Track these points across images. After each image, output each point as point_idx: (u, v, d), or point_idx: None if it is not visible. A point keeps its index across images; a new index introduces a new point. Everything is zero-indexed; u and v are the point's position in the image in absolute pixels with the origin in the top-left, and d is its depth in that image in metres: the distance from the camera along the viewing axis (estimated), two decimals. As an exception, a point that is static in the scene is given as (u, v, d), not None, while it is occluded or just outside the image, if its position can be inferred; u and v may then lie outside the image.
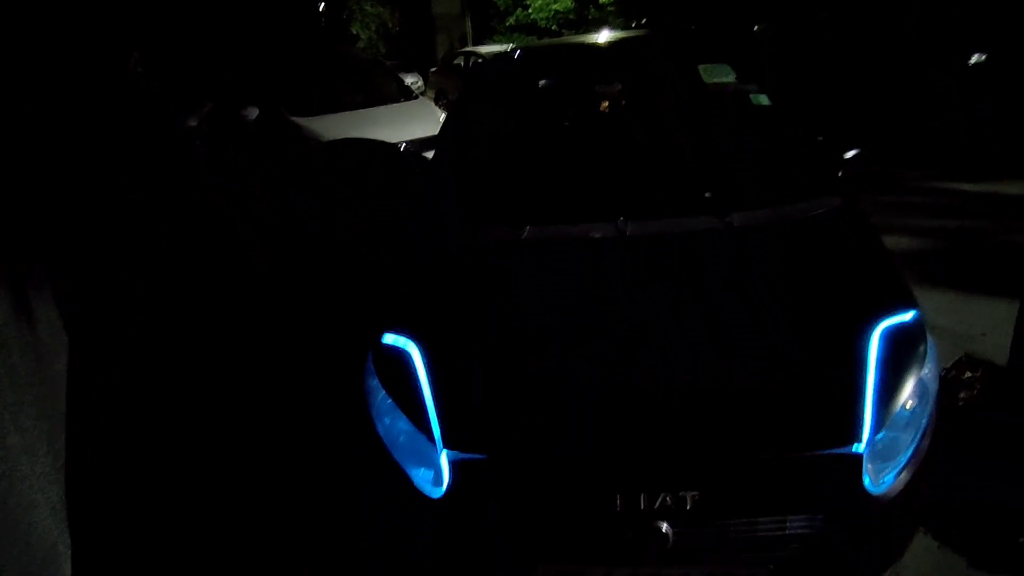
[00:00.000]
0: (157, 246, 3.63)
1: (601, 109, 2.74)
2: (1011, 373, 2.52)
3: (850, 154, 2.46)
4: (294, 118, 6.17)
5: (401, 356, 1.78)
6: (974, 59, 6.53)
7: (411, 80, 13.34)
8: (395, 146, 5.38)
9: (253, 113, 6.26)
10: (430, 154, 3.82)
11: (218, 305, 3.68)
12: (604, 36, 3.36)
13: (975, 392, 2.95)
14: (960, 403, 2.88)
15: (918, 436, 1.60)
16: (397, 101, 7.06)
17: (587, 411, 1.60)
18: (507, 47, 14.95)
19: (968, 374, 3.09)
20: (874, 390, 1.55)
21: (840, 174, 2.38)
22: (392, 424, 1.72)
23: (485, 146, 2.79)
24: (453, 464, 1.56)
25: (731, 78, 2.70)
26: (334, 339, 3.01)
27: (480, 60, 13.19)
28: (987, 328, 3.38)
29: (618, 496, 1.45)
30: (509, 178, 2.57)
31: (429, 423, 1.63)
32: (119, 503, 2.24)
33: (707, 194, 2.28)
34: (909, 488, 1.54)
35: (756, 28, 7.37)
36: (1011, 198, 5.12)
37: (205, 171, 4.39)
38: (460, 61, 14.41)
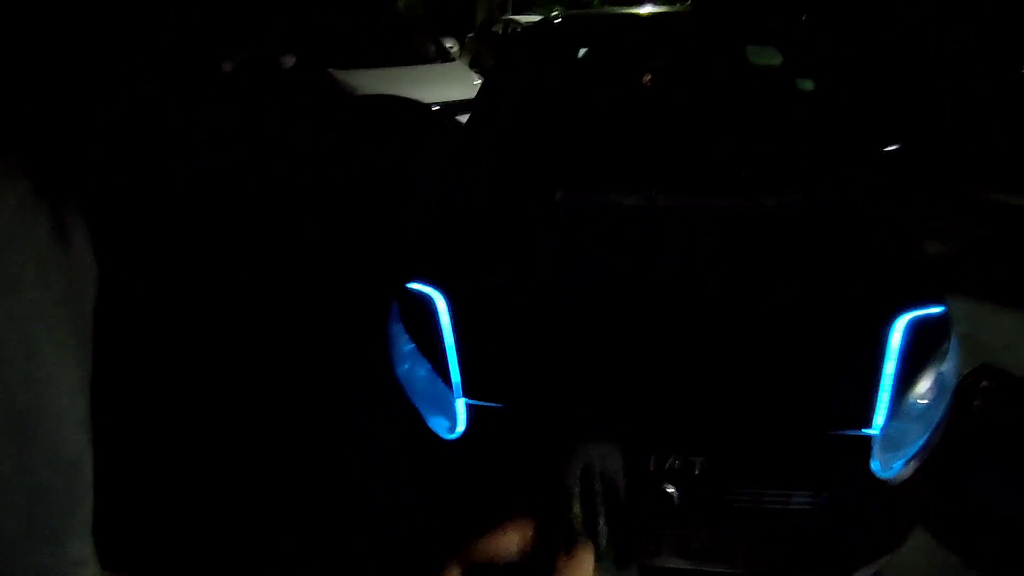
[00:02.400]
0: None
1: (643, 82, 2.72)
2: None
3: (891, 147, 2.43)
4: (330, 69, 6.15)
5: (426, 304, 1.82)
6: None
7: (448, 44, 13.22)
8: (428, 106, 5.37)
9: (289, 61, 6.25)
10: (462, 118, 3.82)
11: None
12: (648, 8, 3.31)
13: (990, 401, 2.94)
14: (974, 410, 2.87)
15: (930, 429, 1.61)
16: (434, 62, 7.02)
17: (605, 370, 1.63)
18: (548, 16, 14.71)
19: (985, 383, 3.07)
20: (892, 378, 1.56)
21: (879, 165, 2.36)
22: (412, 369, 1.76)
23: (521, 111, 2.78)
24: (469, 411, 1.60)
25: (777, 60, 2.66)
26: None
27: (518, 29, 13.04)
28: (1010, 340, 3.35)
29: (628, 455, 1.48)
30: (544, 143, 2.57)
31: (448, 370, 1.66)
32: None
33: (742, 174, 2.27)
34: (915, 478, 1.55)
35: (804, 17, 7.20)
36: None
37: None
38: (498, 28, 14.24)
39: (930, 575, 2.09)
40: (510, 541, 0.44)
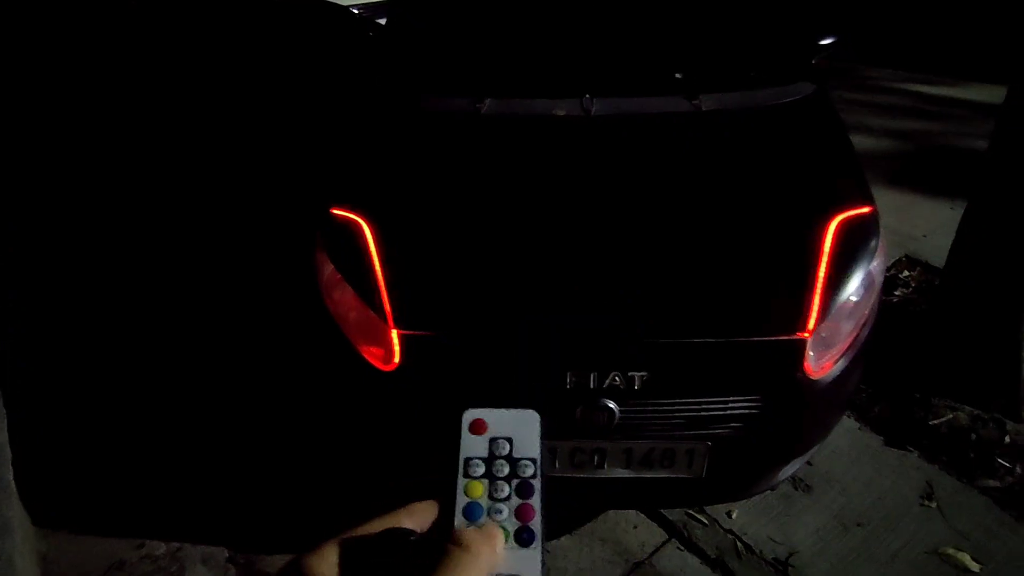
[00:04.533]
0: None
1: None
2: (945, 275, 2.62)
3: (826, 40, 2.36)
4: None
5: (350, 230, 1.70)
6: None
7: (365, -63, 12.09)
8: (348, 9, 4.93)
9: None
10: (384, 20, 3.52)
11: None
12: None
13: (910, 290, 3.09)
14: (895, 300, 3.02)
15: (858, 326, 1.65)
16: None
17: (542, 290, 1.58)
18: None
19: (906, 273, 3.22)
20: (824, 280, 1.57)
21: (814, 61, 2.30)
22: (341, 299, 1.66)
23: (444, 12, 2.56)
24: (403, 340, 1.53)
25: None
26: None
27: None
28: (929, 230, 3.49)
29: (569, 374, 1.46)
30: (470, 48, 2.39)
31: (378, 300, 1.58)
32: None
33: (677, 75, 2.18)
34: (844, 374, 1.60)
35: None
36: (970, 102, 5.15)
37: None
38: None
39: (854, 455, 2.25)
40: (404, 521, 0.42)
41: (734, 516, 2.03)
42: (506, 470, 0.43)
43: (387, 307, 1.56)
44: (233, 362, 2.63)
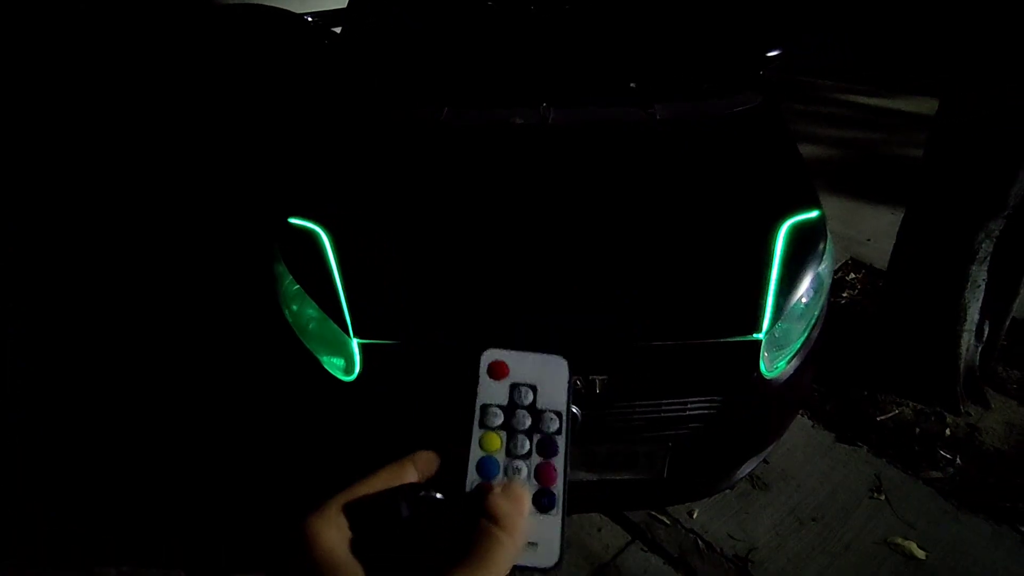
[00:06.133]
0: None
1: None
2: (887, 279, 2.74)
3: (773, 52, 2.46)
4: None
5: (309, 240, 1.68)
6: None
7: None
8: (302, 17, 4.88)
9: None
10: (339, 29, 3.50)
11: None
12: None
13: (856, 292, 3.22)
14: (843, 301, 3.14)
15: (810, 326, 1.71)
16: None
17: (503, 297, 1.59)
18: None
19: (852, 276, 3.35)
20: (776, 283, 1.63)
21: (762, 72, 2.39)
22: (300, 311, 1.64)
23: (401, 21, 2.56)
24: (364, 350, 1.52)
25: None
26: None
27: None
28: (872, 235, 3.65)
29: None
30: (430, 57, 2.40)
31: (339, 310, 1.56)
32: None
33: (632, 84, 2.23)
34: (797, 373, 1.66)
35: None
36: (907, 114, 5.40)
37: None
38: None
39: (808, 452, 2.32)
40: (410, 474, 0.37)
41: (695, 516, 2.07)
42: (528, 422, 0.37)
43: (347, 316, 1.54)
44: (194, 375, 2.56)
